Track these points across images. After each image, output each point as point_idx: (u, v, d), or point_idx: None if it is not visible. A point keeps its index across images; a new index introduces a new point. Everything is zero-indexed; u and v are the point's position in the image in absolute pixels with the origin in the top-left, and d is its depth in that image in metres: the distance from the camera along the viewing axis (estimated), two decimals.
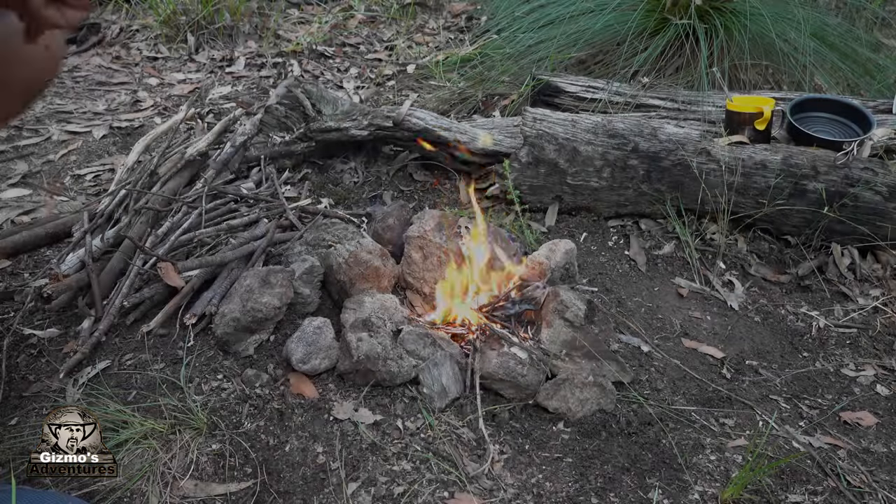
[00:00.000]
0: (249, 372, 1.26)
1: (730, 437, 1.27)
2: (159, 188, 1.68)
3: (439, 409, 1.24)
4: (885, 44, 2.70)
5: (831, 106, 1.90)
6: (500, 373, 1.25)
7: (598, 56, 2.34)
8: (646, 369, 1.40)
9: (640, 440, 1.23)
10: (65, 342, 1.33)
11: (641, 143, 1.72)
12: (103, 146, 2.08)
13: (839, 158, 1.71)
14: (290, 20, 3.02)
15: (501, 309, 1.40)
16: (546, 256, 1.49)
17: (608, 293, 1.60)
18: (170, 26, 2.76)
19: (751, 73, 2.29)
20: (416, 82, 2.53)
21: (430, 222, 1.53)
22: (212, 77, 2.55)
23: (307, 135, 1.89)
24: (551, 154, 1.72)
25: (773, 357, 1.51)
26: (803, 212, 1.73)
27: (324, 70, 2.64)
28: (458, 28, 2.99)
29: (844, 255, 1.77)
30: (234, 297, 1.31)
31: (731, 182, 1.72)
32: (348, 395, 1.25)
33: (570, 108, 2.05)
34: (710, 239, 1.80)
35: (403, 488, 1.09)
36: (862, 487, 1.19)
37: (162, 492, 1.05)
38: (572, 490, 1.12)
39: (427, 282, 1.49)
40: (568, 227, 1.81)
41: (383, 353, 1.23)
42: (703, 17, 2.20)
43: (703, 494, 1.14)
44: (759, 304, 1.66)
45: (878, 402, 1.42)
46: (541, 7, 2.42)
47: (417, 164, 1.96)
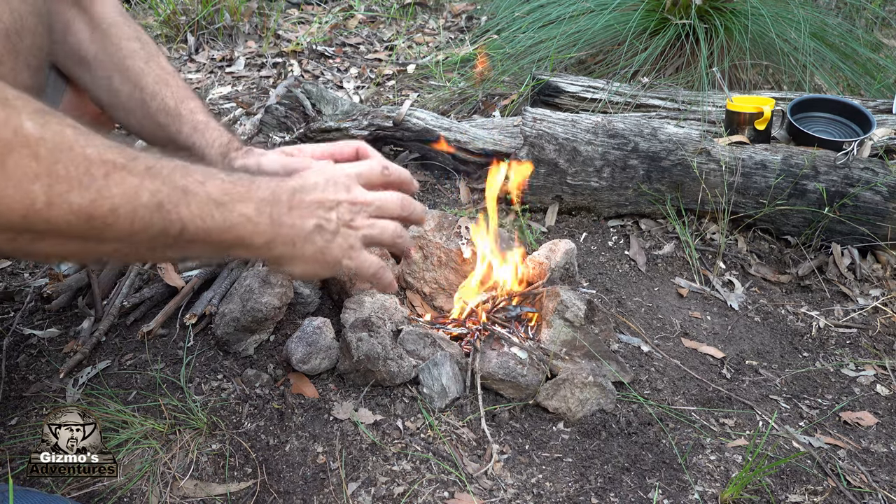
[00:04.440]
0: (249, 372, 1.26)
1: (730, 437, 1.27)
2: None
3: (439, 409, 1.24)
4: (885, 44, 2.71)
5: (831, 106, 1.90)
6: (500, 373, 1.25)
7: (598, 56, 2.35)
8: (646, 369, 1.40)
9: (640, 440, 1.23)
10: (65, 342, 1.33)
11: (641, 143, 1.72)
12: None
13: (839, 158, 1.71)
14: (290, 20, 3.02)
15: (503, 310, 1.40)
16: (546, 256, 1.49)
17: (608, 293, 1.60)
18: (170, 26, 2.76)
19: (751, 73, 2.29)
20: (416, 82, 2.53)
21: (430, 222, 1.53)
22: (212, 77, 2.55)
23: (307, 135, 1.89)
24: (551, 154, 1.72)
25: (773, 357, 1.51)
26: (803, 212, 1.73)
27: (324, 70, 2.64)
28: (458, 28, 3.00)
29: (844, 255, 1.77)
30: (234, 297, 1.31)
31: (731, 182, 1.72)
32: (348, 395, 1.25)
33: (570, 108, 2.06)
34: (710, 239, 1.80)
35: (403, 488, 1.09)
36: (862, 487, 1.19)
37: (162, 492, 1.05)
38: (572, 490, 1.12)
39: (427, 282, 1.49)
40: (568, 227, 1.81)
41: (383, 353, 1.23)
42: (703, 17, 2.20)
43: (703, 494, 1.14)
44: (759, 304, 1.66)
45: (878, 402, 1.42)
46: (541, 7, 2.43)
47: (417, 164, 1.96)
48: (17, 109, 0.57)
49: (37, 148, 0.56)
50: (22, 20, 0.84)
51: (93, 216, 0.60)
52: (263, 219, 0.73)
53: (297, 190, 0.78)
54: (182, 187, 0.66)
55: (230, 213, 0.70)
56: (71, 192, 0.58)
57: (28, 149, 0.56)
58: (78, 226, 0.60)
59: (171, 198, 0.65)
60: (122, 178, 0.62)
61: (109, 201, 0.61)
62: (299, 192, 0.78)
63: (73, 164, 0.58)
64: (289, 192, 0.77)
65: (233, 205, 0.71)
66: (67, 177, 0.58)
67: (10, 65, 0.83)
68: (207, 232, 0.69)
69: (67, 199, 0.58)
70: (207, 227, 0.69)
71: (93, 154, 0.60)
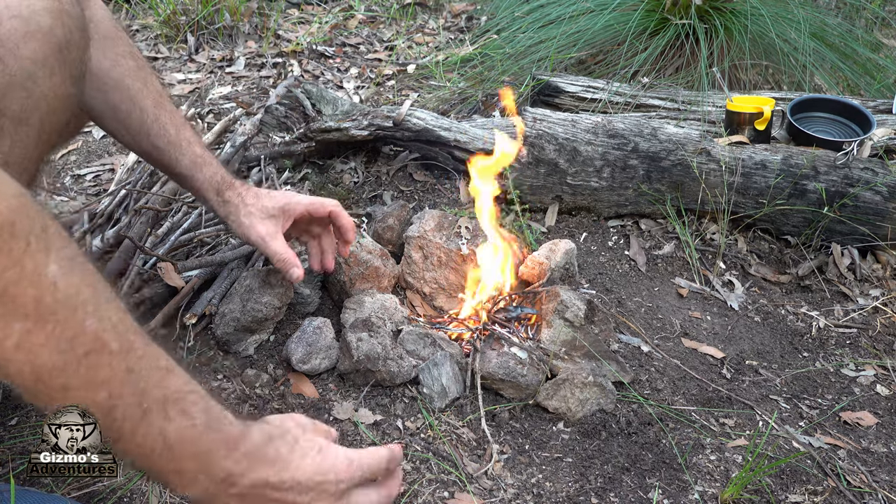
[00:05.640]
0: (249, 372, 1.26)
1: (730, 437, 1.27)
2: (159, 188, 1.68)
3: (439, 409, 1.24)
4: (885, 44, 2.71)
5: (831, 106, 1.90)
6: (500, 373, 1.25)
7: (598, 56, 2.34)
8: (646, 369, 1.40)
9: (640, 440, 1.23)
10: None
11: (641, 143, 1.72)
12: (103, 146, 2.08)
13: (839, 158, 1.71)
14: (290, 20, 3.02)
15: (504, 311, 1.40)
16: (546, 256, 1.49)
17: (608, 293, 1.60)
18: (170, 26, 2.76)
19: (751, 73, 2.29)
20: (416, 82, 2.53)
21: (430, 222, 1.53)
22: (212, 77, 2.55)
23: (307, 135, 1.89)
24: (551, 154, 1.72)
25: (773, 357, 1.51)
26: (803, 212, 1.73)
27: (324, 70, 2.64)
28: (458, 28, 2.99)
29: (844, 255, 1.77)
30: (234, 297, 1.31)
31: (731, 182, 1.72)
32: (348, 395, 1.25)
33: (571, 108, 2.05)
34: (710, 239, 1.80)
35: (403, 488, 1.09)
36: (862, 487, 1.19)
37: (162, 492, 1.05)
38: (572, 490, 1.12)
39: (427, 282, 1.49)
40: (568, 227, 1.81)
41: (383, 353, 1.23)
42: (703, 17, 2.20)
43: (703, 494, 1.14)
44: (759, 304, 1.66)
45: (878, 402, 1.42)
46: (541, 7, 2.43)
47: (417, 164, 1.96)
48: (49, 249, 0.55)
49: (43, 293, 0.54)
50: (70, 34, 0.88)
51: (44, 382, 0.56)
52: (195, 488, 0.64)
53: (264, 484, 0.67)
54: (145, 410, 0.60)
55: (170, 465, 0.62)
56: (43, 349, 0.55)
57: (35, 289, 0.54)
58: (26, 378, 0.56)
59: (125, 413, 0.59)
60: (97, 365, 0.57)
61: (66, 380, 0.57)
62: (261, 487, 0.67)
63: (63, 325, 0.55)
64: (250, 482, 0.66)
65: (179, 456, 0.62)
66: (51, 334, 0.55)
67: (60, 77, 0.86)
68: (137, 463, 0.62)
69: (36, 353, 0.55)
70: (140, 459, 0.62)
71: (90, 327, 0.57)
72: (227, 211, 1.17)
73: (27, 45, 0.82)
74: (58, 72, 0.86)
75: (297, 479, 0.68)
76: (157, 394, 0.61)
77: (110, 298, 0.60)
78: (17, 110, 0.81)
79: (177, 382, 0.64)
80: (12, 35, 0.81)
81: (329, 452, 0.72)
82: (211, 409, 0.65)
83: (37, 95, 0.84)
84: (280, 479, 0.67)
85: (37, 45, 0.83)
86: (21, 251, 0.53)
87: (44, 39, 0.84)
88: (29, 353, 0.55)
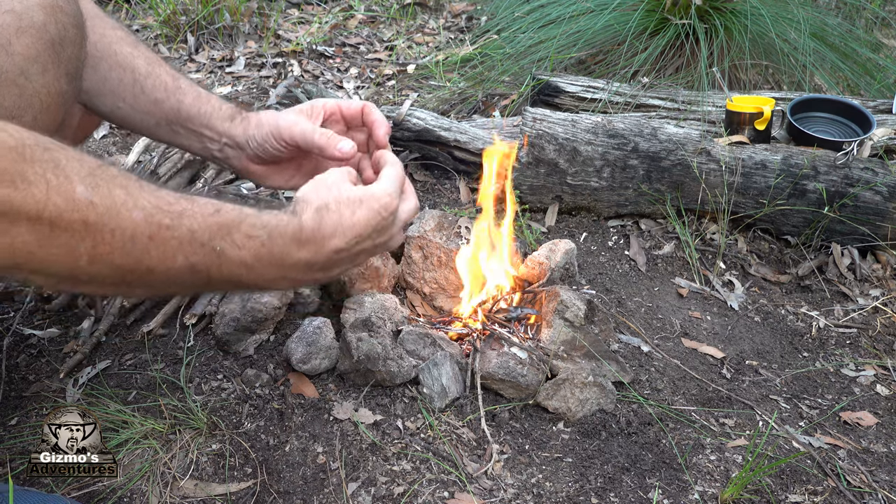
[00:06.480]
0: (249, 372, 1.26)
1: (730, 437, 1.27)
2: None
3: (439, 409, 1.24)
4: (885, 44, 2.71)
5: (831, 106, 1.90)
6: (500, 373, 1.25)
7: (598, 56, 2.34)
8: (646, 369, 1.40)
9: (640, 440, 1.23)
10: (65, 342, 1.33)
11: (641, 143, 1.72)
12: (103, 146, 2.08)
13: (839, 158, 1.71)
14: (290, 20, 3.02)
15: (504, 311, 1.40)
16: (546, 256, 1.49)
17: (608, 293, 1.60)
18: (170, 26, 2.76)
19: (751, 73, 2.29)
20: (416, 82, 2.53)
21: (430, 222, 1.53)
22: (212, 77, 2.55)
23: None
24: (551, 154, 1.72)
25: (773, 357, 1.51)
26: (803, 212, 1.73)
27: (324, 70, 2.64)
28: (458, 28, 2.99)
29: (844, 255, 1.77)
30: (234, 297, 1.31)
31: (731, 182, 1.72)
32: (348, 395, 1.25)
33: (571, 108, 2.05)
34: (710, 239, 1.80)
35: (403, 488, 1.09)
36: (862, 487, 1.19)
37: (162, 492, 1.05)
38: (572, 490, 1.12)
39: (427, 282, 1.49)
40: (568, 227, 1.81)
41: (383, 353, 1.23)
42: (703, 17, 2.20)
43: (703, 494, 1.14)
44: (759, 304, 1.66)
45: (878, 402, 1.42)
46: (541, 7, 2.43)
47: (417, 164, 1.96)
48: (70, 175, 0.60)
49: (87, 213, 0.60)
50: (65, 31, 0.88)
51: (130, 273, 0.65)
52: (289, 282, 0.78)
53: (338, 250, 0.79)
54: (219, 251, 0.70)
55: (259, 277, 0.74)
56: (113, 254, 0.63)
57: (78, 213, 0.60)
58: (114, 278, 0.65)
59: (204, 261, 0.69)
60: (164, 241, 0.66)
61: (146, 264, 0.65)
62: (338, 253, 0.79)
63: (120, 229, 0.63)
64: (326, 256, 0.78)
65: (262, 269, 0.74)
66: (112, 241, 0.62)
67: (53, 73, 0.87)
68: (234, 286, 0.75)
69: (109, 260, 0.63)
70: (235, 284, 0.74)
71: (139, 218, 0.64)
72: (247, 126, 1.03)
73: (19, 40, 0.82)
74: (51, 68, 0.86)
75: (359, 233, 0.78)
76: (221, 233, 0.70)
77: (141, 185, 0.66)
78: (9, 107, 0.82)
79: (230, 216, 0.72)
80: (4, 30, 0.81)
81: (367, 196, 0.81)
82: (266, 221, 0.74)
83: (29, 92, 0.83)
84: (346, 241, 0.78)
85: (29, 40, 0.83)
86: (43, 194, 0.58)
87: (37, 35, 0.83)
88: (103, 263, 0.63)
